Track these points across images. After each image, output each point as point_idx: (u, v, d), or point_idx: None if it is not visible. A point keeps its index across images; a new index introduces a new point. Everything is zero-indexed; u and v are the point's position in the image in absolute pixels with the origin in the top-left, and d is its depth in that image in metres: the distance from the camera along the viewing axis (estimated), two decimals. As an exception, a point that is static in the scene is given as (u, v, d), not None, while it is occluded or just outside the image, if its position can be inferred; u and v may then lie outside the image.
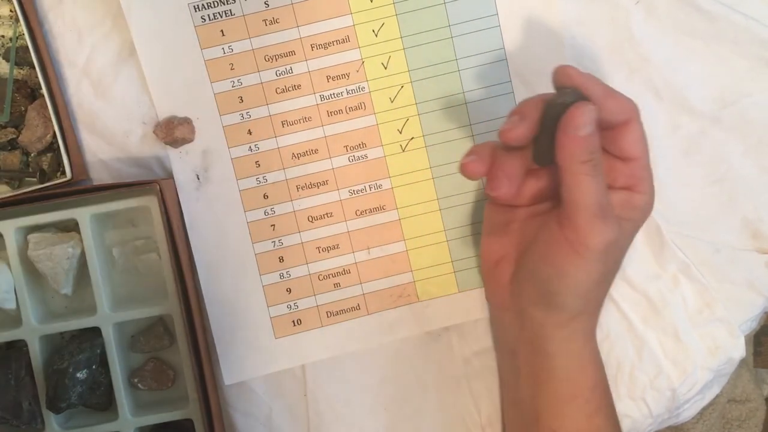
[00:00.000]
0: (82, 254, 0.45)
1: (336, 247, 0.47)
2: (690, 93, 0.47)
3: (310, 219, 0.46)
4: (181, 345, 0.44)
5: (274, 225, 0.46)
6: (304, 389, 0.48)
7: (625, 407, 0.48)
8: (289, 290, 0.47)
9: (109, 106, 0.46)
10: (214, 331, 0.46)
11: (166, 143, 0.45)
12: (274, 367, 0.47)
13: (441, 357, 0.48)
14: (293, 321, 0.47)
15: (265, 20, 0.44)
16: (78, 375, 0.44)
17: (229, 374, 0.47)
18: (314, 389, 0.48)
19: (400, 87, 0.45)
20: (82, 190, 0.43)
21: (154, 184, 0.42)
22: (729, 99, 0.47)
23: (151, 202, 0.44)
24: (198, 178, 0.46)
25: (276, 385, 0.47)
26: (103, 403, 0.46)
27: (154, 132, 0.45)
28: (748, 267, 0.48)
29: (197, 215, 0.46)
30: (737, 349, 0.48)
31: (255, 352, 0.47)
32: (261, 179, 0.46)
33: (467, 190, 0.46)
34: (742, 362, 0.52)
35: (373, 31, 0.45)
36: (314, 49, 0.45)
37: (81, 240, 0.45)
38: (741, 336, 0.49)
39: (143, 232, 0.47)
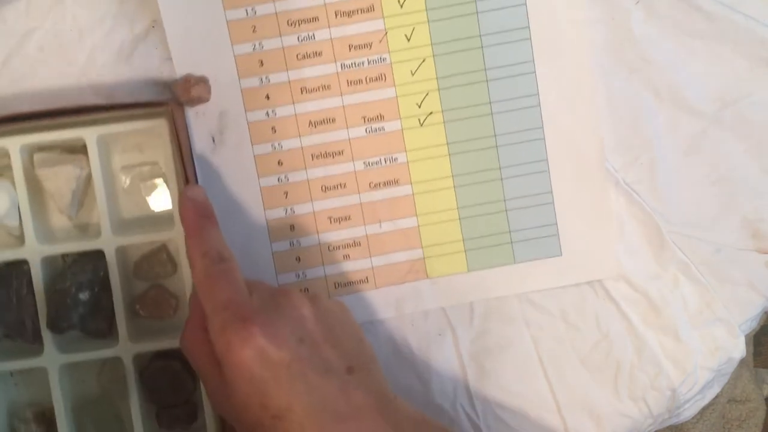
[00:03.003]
0: (88, 177, 0.44)
1: (347, 218, 0.46)
2: (690, 93, 0.47)
3: (323, 189, 0.46)
4: (185, 271, 0.44)
5: (287, 192, 0.46)
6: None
7: (625, 407, 0.48)
8: (298, 259, 0.46)
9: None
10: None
11: (183, 102, 0.44)
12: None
13: (441, 341, 0.48)
14: (301, 290, 0.45)
15: (290, -16, 0.44)
16: (80, 296, 0.43)
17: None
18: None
19: (422, 60, 0.45)
20: (91, 108, 0.42)
21: (167, 106, 0.42)
22: (729, 99, 0.47)
23: (161, 125, 0.43)
24: (213, 141, 0.45)
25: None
26: (104, 329, 0.45)
27: (172, 89, 0.44)
28: (748, 267, 0.48)
29: (211, 178, 0.45)
30: (737, 349, 0.48)
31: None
32: (276, 145, 0.45)
33: (483, 168, 0.46)
34: (742, 362, 0.52)
35: (399, 2, 0.45)
36: (338, 16, 0.45)
37: (88, 162, 0.44)
38: (741, 336, 0.49)
39: (150, 157, 0.46)
